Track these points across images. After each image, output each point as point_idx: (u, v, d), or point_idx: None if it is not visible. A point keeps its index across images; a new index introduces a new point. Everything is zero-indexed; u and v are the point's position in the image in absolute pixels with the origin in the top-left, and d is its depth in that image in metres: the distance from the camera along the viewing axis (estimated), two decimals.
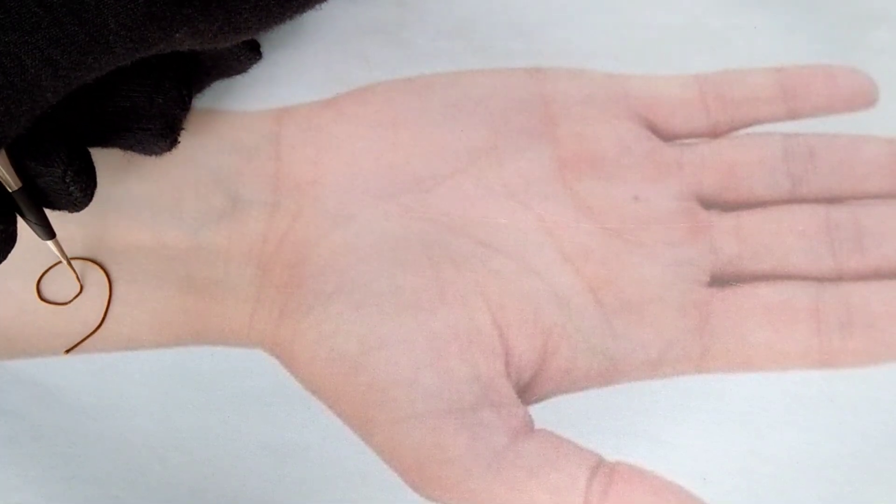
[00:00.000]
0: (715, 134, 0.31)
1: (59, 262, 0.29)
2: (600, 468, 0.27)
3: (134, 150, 0.27)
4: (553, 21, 0.32)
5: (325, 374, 0.28)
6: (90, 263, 0.29)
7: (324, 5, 0.28)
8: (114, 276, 0.29)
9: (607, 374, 0.28)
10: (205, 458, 0.27)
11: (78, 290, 0.29)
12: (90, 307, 0.29)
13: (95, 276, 0.29)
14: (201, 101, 0.31)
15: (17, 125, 0.22)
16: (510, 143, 0.31)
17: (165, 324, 0.29)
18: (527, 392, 0.28)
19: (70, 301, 0.29)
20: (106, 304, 0.29)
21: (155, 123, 0.26)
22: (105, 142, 0.27)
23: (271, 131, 0.31)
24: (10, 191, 0.24)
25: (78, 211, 0.26)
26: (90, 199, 0.25)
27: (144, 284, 0.29)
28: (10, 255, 0.25)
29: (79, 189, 0.25)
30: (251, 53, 0.29)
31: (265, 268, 0.29)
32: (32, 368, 0.28)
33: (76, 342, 0.28)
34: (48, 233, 0.26)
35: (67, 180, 0.24)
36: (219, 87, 0.31)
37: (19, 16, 0.21)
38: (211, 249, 0.29)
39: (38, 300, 0.29)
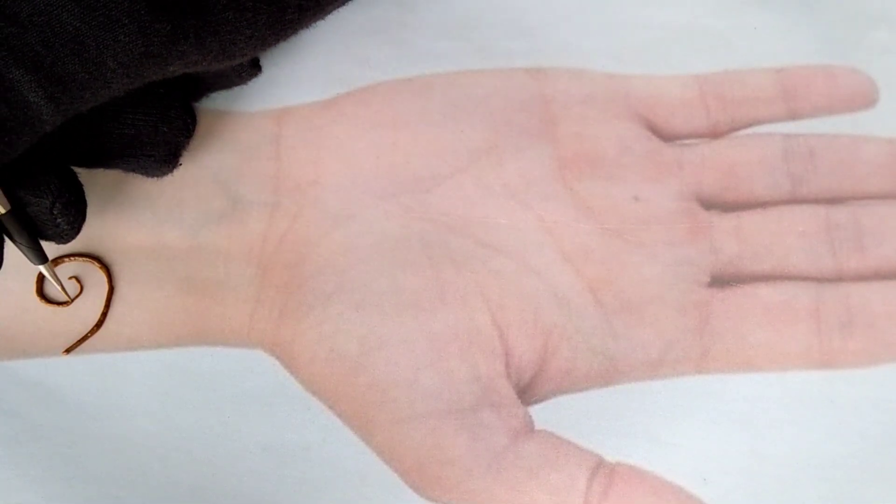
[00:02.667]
0: (715, 134, 0.31)
1: (60, 262, 0.29)
2: (600, 468, 0.27)
3: (135, 172, 0.28)
4: (553, 21, 0.32)
5: (325, 375, 0.28)
6: (90, 263, 0.29)
7: None
8: (114, 276, 0.29)
9: (607, 375, 0.28)
10: (205, 458, 0.27)
11: (78, 290, 0.29)
12: (90, 307, 0.29)
13: (95, 277, 0.29)
14: (201, 102, 0.31)
15: (14, 154, 0.22)
16: (510, 142, 0.31)
17: (165, 324, 0.29)
18: (527, 392, 0.28)
19: (70, 301, 0.29)
20: (105, 303, 0.29)
21: (159, 151, 0.27)
22: (107, 165, 0.27)
23: (271, 131, 0.31)
24: None
25: (65, 242, 0.26)
26: (77, 233, 0.25)
27: (144, 285, 0.29)
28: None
29: (66, 222, 0.25)
30: (252, 69, 0.29)
31: (265, 268, 0.29)
32: (32, 368, 0.28)
33: (75, 342, 0.28)
34: (40, 257, 0.26)
35: (55, 212, 0.24)
36: None
37: (23, 54, 0.21)
38: (211, 250, 0.29)
39: (38, 300, 0.29)
